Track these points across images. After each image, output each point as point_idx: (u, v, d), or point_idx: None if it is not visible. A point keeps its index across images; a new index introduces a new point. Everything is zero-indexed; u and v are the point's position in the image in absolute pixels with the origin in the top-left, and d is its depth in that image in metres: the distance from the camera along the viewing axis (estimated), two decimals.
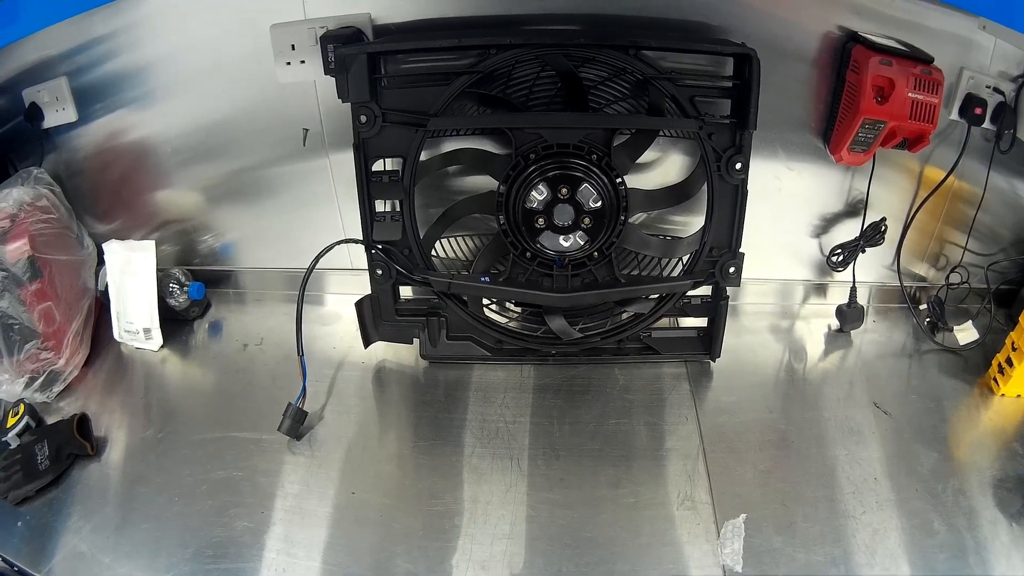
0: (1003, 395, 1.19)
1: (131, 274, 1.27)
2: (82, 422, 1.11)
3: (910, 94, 1.07)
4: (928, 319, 1.32)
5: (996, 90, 1.14)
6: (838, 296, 1.34)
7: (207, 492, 1.03)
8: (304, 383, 1.12)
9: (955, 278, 1.30)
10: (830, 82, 1.14)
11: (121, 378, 1.24)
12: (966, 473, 1.07)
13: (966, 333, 1.29)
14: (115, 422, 1.15)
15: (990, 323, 1.29)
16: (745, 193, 1.09)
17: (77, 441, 1.07)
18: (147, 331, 1.27)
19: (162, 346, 1.28)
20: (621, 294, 1.12)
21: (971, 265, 1.31)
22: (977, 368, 1.24)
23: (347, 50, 1.02)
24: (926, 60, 1.08)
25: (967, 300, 1.35)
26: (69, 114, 1.22)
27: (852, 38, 1.10)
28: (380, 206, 1.11)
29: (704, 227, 1.11)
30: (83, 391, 1.21)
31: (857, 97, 1.08)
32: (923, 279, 1.36)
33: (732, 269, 1.13)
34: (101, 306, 1.31)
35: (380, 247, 1.12)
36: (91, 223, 1.34)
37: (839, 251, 1.26)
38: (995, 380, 1.20)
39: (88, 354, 1.27)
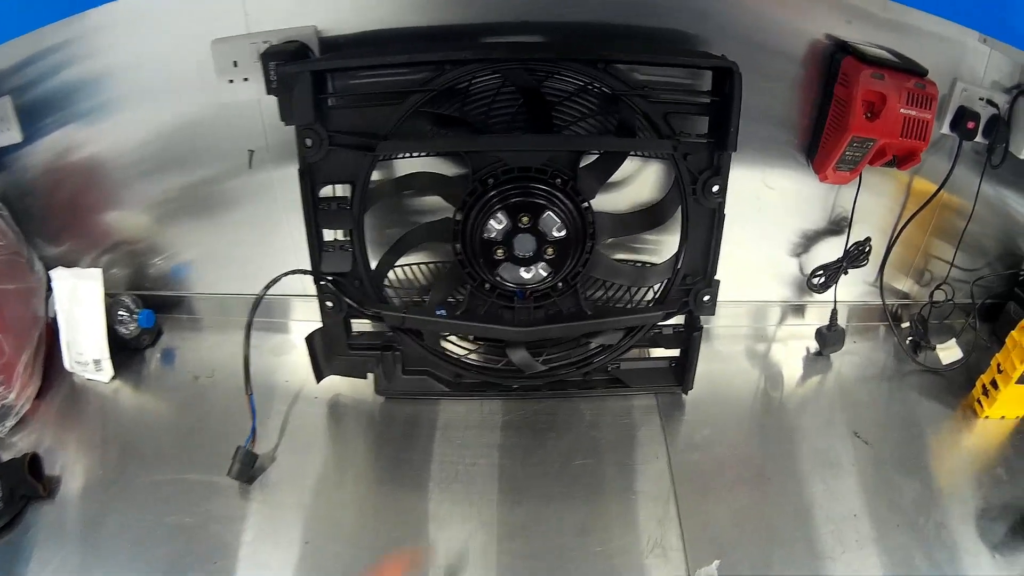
0: (987, 417, 1.07)
1: (79, 303, 1.12)
2: (33, 462, 0.97)
3: (902, 110, 0.92)
4: (910, 338, 1.18)
5: (989, 102, 1.00)
6: (817, 316, 1.20)
7: (161, 538, 0.90)
8: (254, 423, 0.98)
9: (939, 295, 1.17)
10: (816, 95, 0.99)
11: (74, 412, 1.10)
12: (949, 503, 0.96)
13: (949, 352, 1.16)
14: (69, 460, 1.01)
15: (975, 341, 1.16)
16: (722, 218, 0.94)
17: (30, 482, 0.95)
18: (97, 362, 1.12)
19: (113, 377, 1.14)
20: (587, 327, 0.98)
21: (956, 280, 1.17)
22: (960, 388, 1.12)
23: (290, 68, 0.86)
24: (920, 73, 0.94)
25: (951, 316, 1.21)
26: (14, 134, 1.05)
27: (841, 48, 0.94)
28: (329, 235, 0.96)
29: (677, 254, 0.96)
30: (37, 425, 1.07)
31: (846, 113, 0.93)
32: (906, 295, 1.23)
33: (707, 298, 0.99)
34: (52, 334, 1.16)
35: (329, 278, 0.97)
36: (42, 246, 1.17)
37: (820, 273, 1.12)
38: (979, 402, 1.09)
39: (40, 385, 1.12)
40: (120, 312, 1.15)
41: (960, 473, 1.00)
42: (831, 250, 1.13)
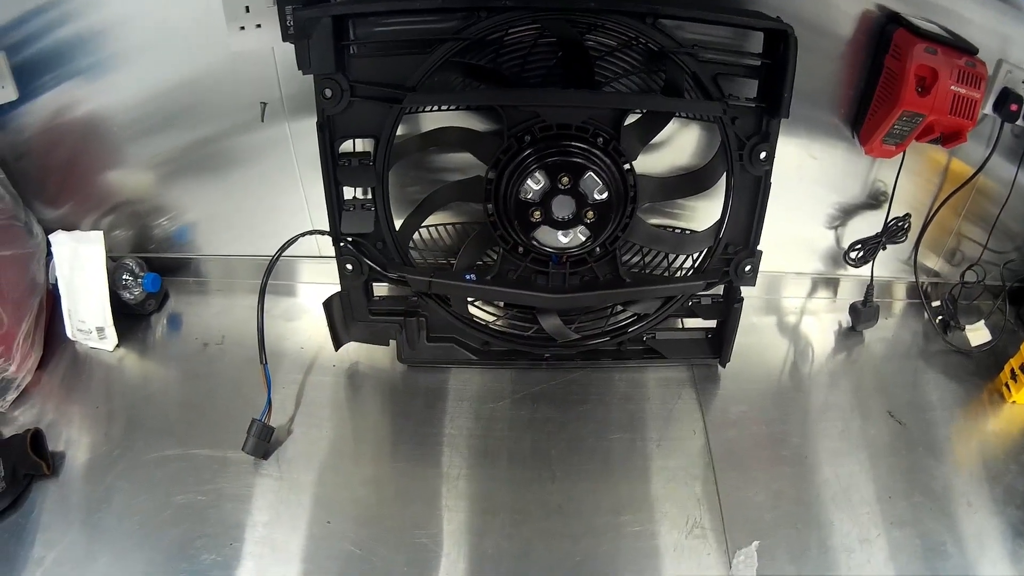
0: (1014, 402, 1.01)
1: (80, 268, 1.01)
2: (36, 439, 0.87)
3: (953, 87, 0.85)
4: (940, 317, 1.11)
5: None
6: (849, 290, 1.12)
7: (171, 519, 0.81)
8: (269, 395, 0.89)
9: (970, 276, 1.09)
10: (864, 66, 0.90)
11: (77, 383, 0.99)
12: (979, 488, 0.90)
13: (978, 334, 1.10)
14: (73, 435, 0.91)
15: (1004, 324, 1.10)
16: (768, 185, 0.86)
17: (32, 460, 0.85)
18: (100, 330, 1.01)
19: (118, 345, 1.02)
20: (625, 295, 0.89)
21: (985, 262, 1.10)
22: (987, 370, 1.06)
23: (308, 12, 0.76)
24: (971, 51, 0.86)
25: (979, 297, 1.14)
26: (9, 92, 0.93)
27: (892, 20, 0.86)
28: (349, 193, 0.85)
29: (720, 221, 0.87)
30: (39, 398, 0.96)
31: (897, 87, 0.85)
32: (936, 274, 1.15)
33: (748, 268, 0.90)
34: (53, 300, 1.05)
35: (349, 239, 0.86)
36: (40, 208, 1.05)
37: (859, 247, 1.04)
38: (1007, 386, 1.02)
39: (41, 356, 1.01)
40: (124, 276, 1.04)
41: (989, 458, 0.94)
42: (864, 225, 1.05)
